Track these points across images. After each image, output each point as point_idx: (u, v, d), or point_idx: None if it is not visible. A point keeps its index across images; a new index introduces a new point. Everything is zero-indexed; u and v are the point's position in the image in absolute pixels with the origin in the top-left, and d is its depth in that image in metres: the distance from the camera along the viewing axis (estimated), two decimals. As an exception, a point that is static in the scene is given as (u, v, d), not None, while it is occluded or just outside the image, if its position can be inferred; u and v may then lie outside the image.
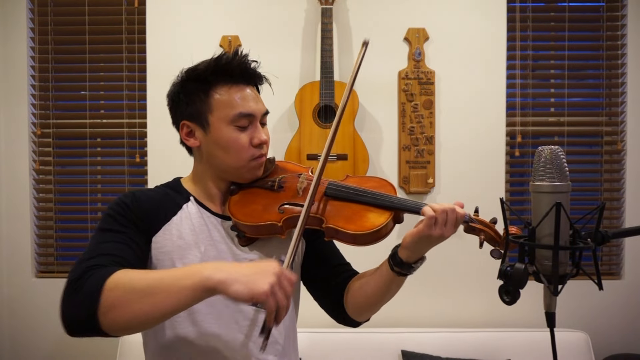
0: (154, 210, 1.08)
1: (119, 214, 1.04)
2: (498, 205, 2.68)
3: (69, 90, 2.49)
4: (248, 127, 1.08)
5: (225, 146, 1.08)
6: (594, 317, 2.34)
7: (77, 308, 0.87)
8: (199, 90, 1.10)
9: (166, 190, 1.15)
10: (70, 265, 2.44)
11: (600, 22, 2.44)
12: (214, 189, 1.15)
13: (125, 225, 1.03)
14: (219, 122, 1.08)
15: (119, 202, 1.07)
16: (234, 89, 1.08)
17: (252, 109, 1.08)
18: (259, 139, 1.09)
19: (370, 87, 2.35)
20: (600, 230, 0.79)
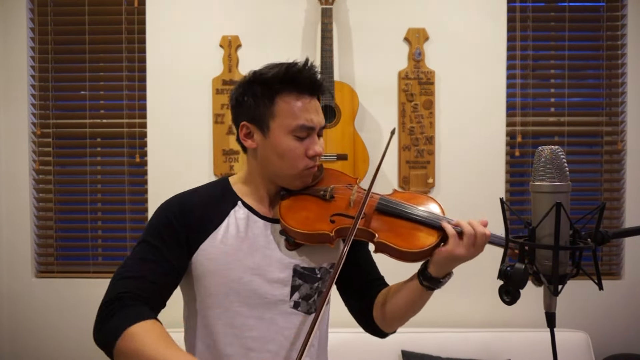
0: (200, 220, 1.09)
1: (162, 226, 1.08)
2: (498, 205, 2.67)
3: (69, 90, 2.49)
4: (306, 138, 1.10)
5: (282, 154, 1.09)
6: (594, 317, 2.34)
7: (100, 336, 0.99)
8: (264, 95, 1.10)
9: (215, 194, 1.15)
10: (70, 265, 2.46)
11: (601, 22, 2.43)
12: (263, 190, 1.16)
13: (166, 241, 1.06)
14: (280, 129, 1.09)
15: (165, 214, 1.10)
16: (299, 99, 1.10)
17: (313, 122, 1.10)
18: (314, 151, 1.10)
19: (370, 87, 2.35)
20: (601, 230, 0.79)
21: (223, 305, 1.08)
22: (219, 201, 1.14)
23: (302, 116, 1.09)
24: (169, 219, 1.08)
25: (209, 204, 1.13)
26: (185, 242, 1.08)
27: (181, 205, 1.10)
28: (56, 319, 2.41)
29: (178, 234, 1.07)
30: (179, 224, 1.07)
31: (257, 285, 1.08)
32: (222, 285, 1.08)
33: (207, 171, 2.37)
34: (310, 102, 1.11)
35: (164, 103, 2.38)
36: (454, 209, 2.38)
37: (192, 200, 1.12)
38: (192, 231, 1.08)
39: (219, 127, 2.35)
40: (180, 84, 2.36)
